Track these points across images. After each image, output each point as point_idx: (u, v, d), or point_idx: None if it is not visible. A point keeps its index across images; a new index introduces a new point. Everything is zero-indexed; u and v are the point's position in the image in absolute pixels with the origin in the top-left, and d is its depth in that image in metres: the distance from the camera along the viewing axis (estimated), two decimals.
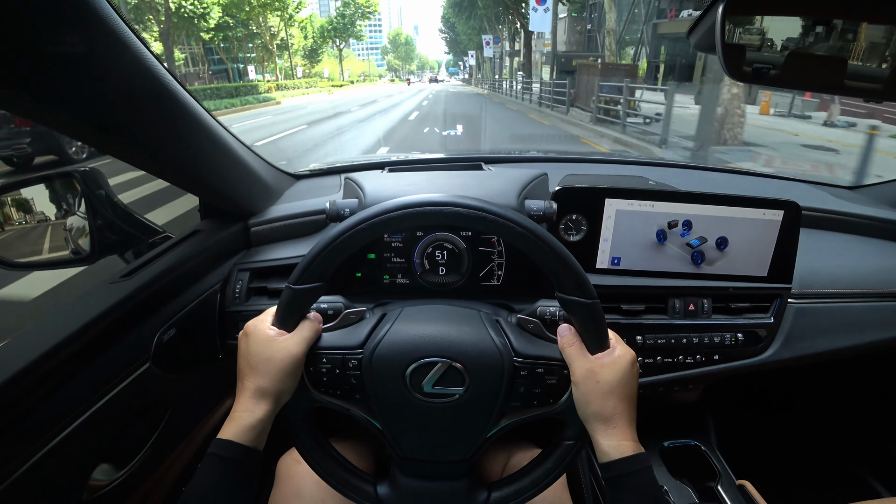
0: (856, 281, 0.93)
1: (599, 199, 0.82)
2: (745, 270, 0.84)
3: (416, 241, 0.79)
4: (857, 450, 1.34)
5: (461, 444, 0.57)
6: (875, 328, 0.93)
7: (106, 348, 0.62)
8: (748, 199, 0.81)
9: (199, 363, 0.81)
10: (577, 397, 0.53)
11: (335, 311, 0.64)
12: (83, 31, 0.45)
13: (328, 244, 0.51)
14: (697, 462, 1.11)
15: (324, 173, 1.22)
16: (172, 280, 0.74)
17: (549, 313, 0.69)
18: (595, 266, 0.85)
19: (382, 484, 0.60)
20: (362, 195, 0.80)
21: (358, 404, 0.57)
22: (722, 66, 0.70)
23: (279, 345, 0.53)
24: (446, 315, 0.59)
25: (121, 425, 0.64)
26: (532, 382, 0.55)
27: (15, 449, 0.51)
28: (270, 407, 0.53)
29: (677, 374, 0.88)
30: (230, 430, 0.51)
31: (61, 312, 0.61)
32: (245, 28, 33.66)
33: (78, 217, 0.85)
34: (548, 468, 0.58)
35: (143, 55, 0.54)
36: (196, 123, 0.67)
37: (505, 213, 0.49)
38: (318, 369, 0.55)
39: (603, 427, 0.52)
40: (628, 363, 0.53)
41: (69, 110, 0.50)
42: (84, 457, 0.60)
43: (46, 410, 0.54)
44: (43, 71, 0.44)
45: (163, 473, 0.77)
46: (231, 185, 0.84)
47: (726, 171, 1.42)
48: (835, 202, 1.14)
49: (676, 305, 0.86)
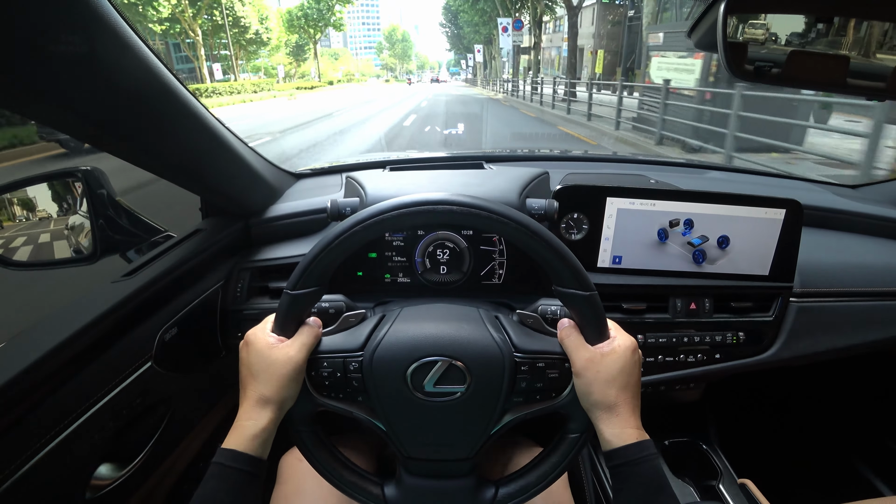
0: (858, 280, 0.93)
1: (601, 197, 0.81)
2: (747, 269, 0.84)
3: (418, 240, 0.79)
4: (859, 448, 1.34)
5: (466, 442, 0.57)
6: (877, 327, 0.93)
7: (108, 347, 0.62)
8: (750, 197, 0.80)
9: (201, 362, 0.81)
10: (578, 388, 0.53)
11: (336, 311, 0.64)
12: (85, 30, 0.46)
13: (325, 247, 0.51)
14: (699, 460, 1.11)
15: (325, 172, 1.22)
16: (174, 279, 0.74)
17: (550, 312, 0.69)
18: (596, 265, 0.85)
19: (389, 485, 0.60)
20: (363, 194, 0.80)
21: (360, 406, 0.57)
22: (723, 64, 0.70)
23: (280, 352, 0.53)
24: (445, 314, 0.59)
25: (123, 424, 0.65)
26: (533, 377, 0.55)
27: (18, 448, 0.51)
28: (274, 415, 0.53)
29: (679, 372, 0.88)
30: (234, 439, 0.51)
31: (64, 311, 0.61)
32: (210, 20, 28.67)
33: (80, 216, 0.86)
34: (554, 462, 0.58)
35: (145, 54, 0.54)
36: (197, 122, 0.67)
37: (499, 209, 0.49)
38: (319, 373, 0.55)
39: (606, 415, 0.52)
40: (629, 351, 0.53)
41: (71, 109, 0.50)
42: (86, 455, 0.60)
43: (49, 409, 0.54)
44: (45, 70, 0.44)
45: (165, 472, 0.78)
46: (232, 184, 0.84)
47: (727, 169, 1.42)
48: (836, 201, 1.13)
49: (678, 304, 0.86)
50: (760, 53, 0.73)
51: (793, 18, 0.76)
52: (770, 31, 0.73)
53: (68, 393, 0.56)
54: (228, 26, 29.15)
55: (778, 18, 0.77)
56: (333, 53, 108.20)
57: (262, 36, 33.08)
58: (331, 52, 77.74)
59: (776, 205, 0.81)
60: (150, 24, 24.39)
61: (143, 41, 0.54)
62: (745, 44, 0.73)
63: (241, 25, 30.59)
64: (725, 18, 0.66)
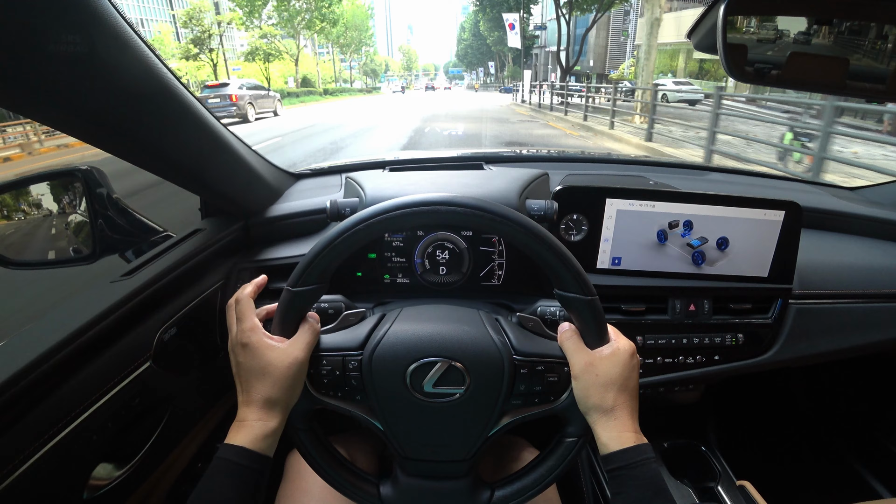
0: (857, 281, 0.93)
1: (600, 198, 0.82)
2: (746, 271, 0.84)
3: (417, 240, 0.79)
4: (857, 450, 1.34)
5: (463, 444, 0.57)
6: (876, 329, 0.93)
7: (107, 347, 0.62)
8: (749, 199, 0.80)
9: (200, 362, 0.81)
10: (577, 391, 0.53)
11: (336, 311, 0.64)
12: (84, 30, 0.45)
13: (326, 246, 0.51)
14: (698, 462, 1.11)
15: (325, 172, 1.22)
16: (173, 279, 0.74)
17: (550, 313, 0.69)
18: (595, 266, 0.85)
19: (385, 484, 0.60)
20: (363, 194, 0.80)
21: (359, 405, 0.57)
22: (723, 66, 0.70)
23: (283, 353, 0.52)
24: (445, 315, 0.59)
25: (121, 424, 0.64)
26: (532, 380, 0.55)
27: (16, 447, 0.51)
28: (282, 415, 0.53)
29: (678, 374, 0.88)
30: (243, 436, 0.51)
31: (62, 311, 0.61)
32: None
33: (79, 216, 0.86)
34: (550, 466, 0.58)
35: (145, 54, 0.54)
36: (197, 123, 0.68)
37: (502, 211, 0.49)
38: (318, 371, 0.55)
39: (604, 419, 0.52)
40: (628, 355, 0.53)
41: (71, 109, 0.50)
42: (85, 455, 0.60)
43: (47, 409, 0.54)
44: (44, 70, 0.44)
45: (163, 472, 0.77)
46: (232, 184, 0.84)
47: (727, 170, 1.42)
48: (835, 202, 1.14)
49: (677, 306, 0.86)
50: (760, 55, 0.74)
51: (795, 20, 0.76)
52: (779, 30, 0.73)
53: (66, 392, 0.56)
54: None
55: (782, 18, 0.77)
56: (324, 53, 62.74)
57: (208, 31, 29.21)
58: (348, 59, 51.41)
59: (775, 206, 0.81)
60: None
61: (143, 41, 0.54)
62: (745, 45, 0.73)
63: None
64: (725, 20, 0.66)
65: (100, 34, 0.47)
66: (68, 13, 0.44)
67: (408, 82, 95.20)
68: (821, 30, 0.73)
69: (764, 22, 0.76)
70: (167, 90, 0.59)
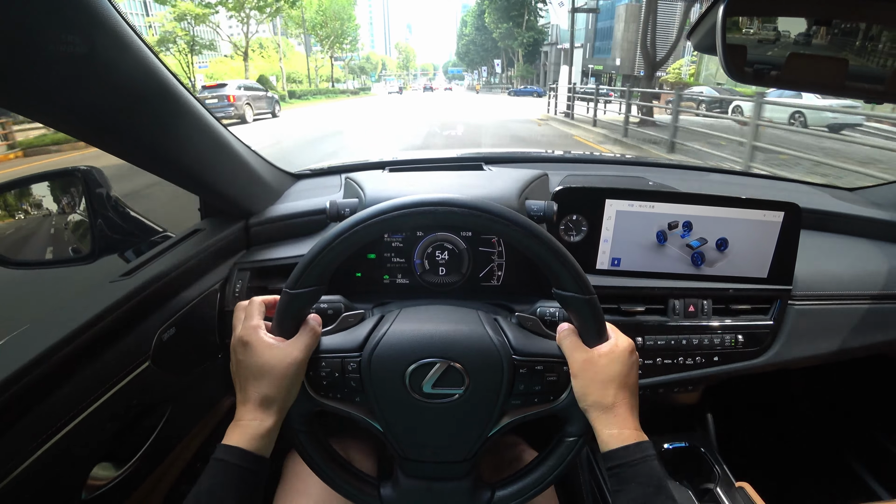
0: (856, 283, 0.93)
1: (600, 199, 0.82)
2: (746, 272, 0.84)
3: (417, 241, 0.79)
4: (857, 452, 1.34)
5: (463, 444, 0.57)
6: (875, 330, 0.93)
7: (106, 347, 0.62)
8: (749, 200, 0.81)
9: (199, 362, 0.81)
10: (576, 388, 0.53)
11: (335, 311, 0.64)
12: (84, 30, 0.46)
13: (325, 247, 0.51)
14: (696, 464, 1.11)
15: (324, 173, 1.22)
16: (172, 279, 0.74)
17: (549, 313, 0.69)
18: (595, 267, 0.85)
19: (385, 486, 0.60)
20: (362, 195, 0.80)
21: (358, 407, 0.57)
22: (722, 66, 0.70)
23: (282, 352, 0.52)
24: (444, 315, 0.59)
25: (120, 424, 0.64)
26: (532, 380, 0.55)
27: (14, 447, 0.51)
28: (278, 415, 0.53)
29: (677, 375, 0.88)
30: (238, 437, 0.51)
31: (61, 311, 0.61)
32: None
33: (78, 216, 0.86)
34: (551, 465, 0.58)
35: (145, 55, 0.54)
36: (197, 123, 0.68)
37: (500, 211, 0.49)
38: (317, 373, 0.55)
39: (604, 416, 0.52)
40: (627, 352, 0.53)
41: (70, 110, 0.50)
42: (83, 455, 0.60)
43: (46, 409, 0.54)
44: (44, 70, 0.44)
45: (162, 472, 0.77)
46: (231, 185, 0.84)
47: (726, 171, 1.43)
48: (835, 204, 1.14)
49: (676, 307, 0.86)
50: (759, 56, 0.74)
51: (794, 21, 0.76)
52: (779, 30, 0.73)
53: (65, 392, 0.56)
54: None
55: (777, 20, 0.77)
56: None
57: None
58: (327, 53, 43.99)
59: (775, 207, 0.81)
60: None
61: (143, 41, 0.54)
62: (745, 46, 0.73)
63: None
64: (725, 21, 0.66)
65: (100, 34, 0.47)
66: (68, 13, 0.44)
67: (405, 82, 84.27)
68: (820, 30, 0.73)
69: (763, 22, 0.76)
70: (167, 90, 0.59)
